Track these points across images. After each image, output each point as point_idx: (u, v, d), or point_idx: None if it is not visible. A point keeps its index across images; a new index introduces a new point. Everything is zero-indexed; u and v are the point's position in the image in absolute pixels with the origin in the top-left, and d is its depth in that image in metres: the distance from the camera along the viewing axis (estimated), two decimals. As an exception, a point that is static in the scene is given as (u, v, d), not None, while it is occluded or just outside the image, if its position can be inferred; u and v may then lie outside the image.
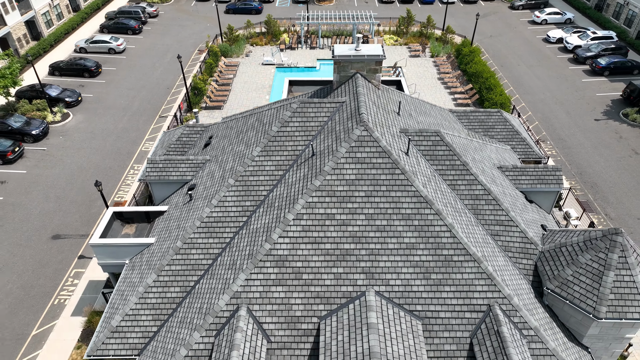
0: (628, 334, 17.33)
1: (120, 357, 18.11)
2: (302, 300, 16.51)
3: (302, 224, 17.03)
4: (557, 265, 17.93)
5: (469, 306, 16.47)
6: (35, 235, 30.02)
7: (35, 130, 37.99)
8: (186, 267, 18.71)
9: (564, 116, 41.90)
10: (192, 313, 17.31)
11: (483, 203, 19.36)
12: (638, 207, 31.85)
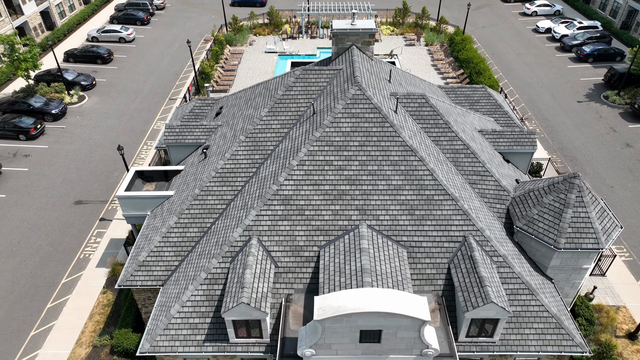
0: (585, 264, 20.09)
1: (146, 287, 20.88)
2: (304, 232, 19.30)
3: (305, 169, 19.81)
4: (525, 207, 20.72)
5: (447, 237, 19.26)
6: (60, 201, 32.80)
7: (54, 109, 40.79)
8: (203, 211, 21.48)
9: (548, 98, 44.67)
10: (209, 246, 20.09)
11: (462, 156, 22.15)
12: (611, 177, 34.62)
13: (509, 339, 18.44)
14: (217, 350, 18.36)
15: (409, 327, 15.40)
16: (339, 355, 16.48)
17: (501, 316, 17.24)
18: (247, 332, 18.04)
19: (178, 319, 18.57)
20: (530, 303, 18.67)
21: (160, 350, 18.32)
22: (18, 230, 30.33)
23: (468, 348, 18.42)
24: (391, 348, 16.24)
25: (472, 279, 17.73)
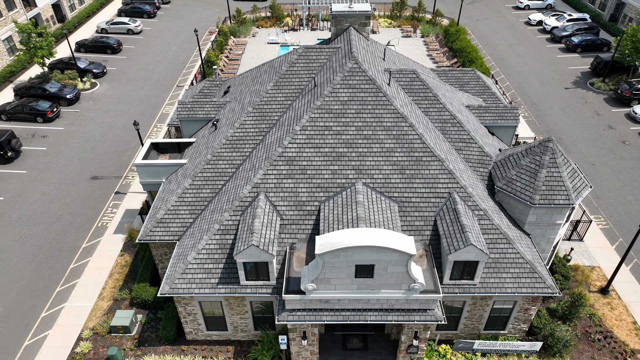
0: (558, 220, 22.38)
1: (163, 241, 23.18)
2: (306, 189, 21.62)
3: (307, 133, 22.12)
4: (504, 169, 23.04)
5: (433, 194, 21.58)
6: (77, 176, 35.10)
7: (69, 94, 43.11)
8: (215, 174, 23.78)
9: (538, 85, 46.99)
10: (221, 203, 22.39)
11: (449, 126, 24.46)
12: (593, 156, 36.91)
13: (488, 282, 20.75)
14: (229, 292, 20.67)
15: (397, 261, 17.72)
16: (337, 290, 18.80)
17: (480, 259, 19.55)
18: (255, 275, 20.35)
19: (194, 264, 20.88)
20: (507, 251, 20.98)
21: (179, 291, 20.63)
22: (40, 202, 32.63)
23: (452, 290, 20.73)
24: (383, 283, 18.56)
25: (455, 227, 20.05)
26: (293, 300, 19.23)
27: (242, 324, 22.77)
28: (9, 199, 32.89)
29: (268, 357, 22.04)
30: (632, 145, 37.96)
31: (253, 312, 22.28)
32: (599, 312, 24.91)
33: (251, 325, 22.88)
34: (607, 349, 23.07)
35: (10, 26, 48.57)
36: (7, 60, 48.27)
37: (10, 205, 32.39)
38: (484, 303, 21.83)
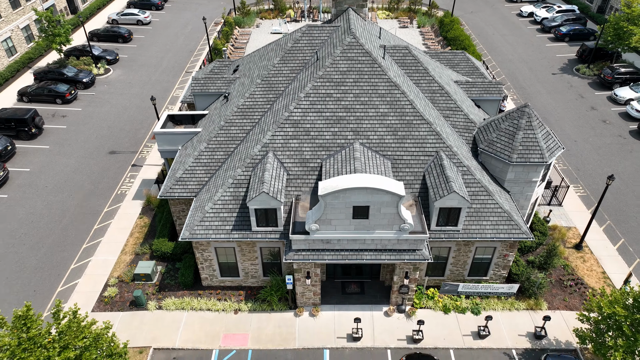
0: (534, 177, 25.10)
1: (182, 197, 25.94)
2: (310, 148, 24.38)
3: (310, 100, 24.88)
4: (486, 133, 25.81)
5: (422, 152, 24.34)
6: (96, 151, 37.86)
7: (85, 78, 45.89)
8: (227, 138, 26.54)
9: (527, 71, 49.76)
10: (234, 162, 25.15)
11: (438, 96, 27.23)
12: (576, 134, 39.67)
13: (470, 229, 23.53)
14: (241, 237, 23.44)
15: (389, 202, 20.50)
16: (337, 230, 21.59)
17: (462, 205, 22.32)
18: (265, 221, 23.11)
19: (211, 213, 23.65)
20: (487, 202, 23.75)
21: (197, 237, 23.41)
22: (63, 173, 35.40)
23: (438, 235, 23.51)
24: (377, 224, 21.33)
25: (441, 179, 22.82)
26: (299, 241, 22.01)
27: (253, 270, 25.55)
28: (35, 170, 35.65)
29: (276, 298, 24.81)
30: (612, 124, 40.72)
31: (262, 258, 25.06)
32: (572, 263, 27.68)
33: (260, 272, 25.66)
34: (577, 293, 25.84)
35: (28, 15, 51.31)
36: (25, 47, 51.01)
37: (36, 175, 35.15)
38: (467, 249, 24.60)
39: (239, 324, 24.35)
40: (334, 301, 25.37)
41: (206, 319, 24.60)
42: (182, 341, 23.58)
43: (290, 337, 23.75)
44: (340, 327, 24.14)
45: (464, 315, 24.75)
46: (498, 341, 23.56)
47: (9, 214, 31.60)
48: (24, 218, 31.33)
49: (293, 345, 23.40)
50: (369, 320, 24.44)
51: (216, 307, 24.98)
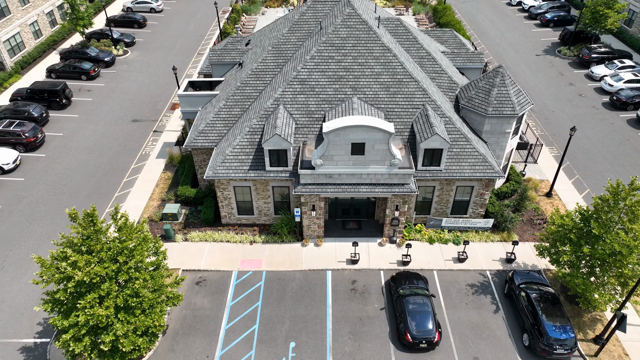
0: (507, 129, 29.19)
1: (204, 147, 30.06)
2: (314, 102, 28.51)
3: (315, 61, 28.99)
4: (467, 91, 29.94)
5: (411, 105, 28.47)
6: (120, 119, 42.01)
7: (106, 57, 50.06)
8: (243, 97, 30.66)
9: (513, 53, 53.90)
10: (249, 115, 29.28)
11: (426, 61, 31.35)
12: (554, 105, 43.79)
13: (451, 169, 27.68)
14: (256, 176, 27.59)
15: (381, 140, 24.64)
16: (338, 165, 25.73)
17: (443, 146, 26.44)
18: (277, 162, 27.24)
19: (230, 156, 27.79)
20: (466, 147, 27.89)
21: (219, 176, 27.55)
22: (92, 137, 39.54)
23: (423, 174, 27.64)
24: (371, 159, 25.48)
25: (426, 126, 26.95)
26: (306, 175, 26.17)
27: (265, 208, 29.70)
28: (67, 134, 39.80)
29: (286, 231, 28.96)
30: (587, 97, 44.88)
31: (274, 197, 29.20)
32: (542, 207, 31.81)
33: (272, 210, 29.81)
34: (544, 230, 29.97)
35: (51, 1, 55.41)
36: (49, 31, 55.14)
37: (68, 139, 39.30)
38: (449, 188, 28.75)
39: (254, 252, 28.51)
40: (335, 235, 29.52)
41: (226, 248, 28.76)
42: (206, 264, 27.73)
43: (298, 261, 27.91)
44: (341, 254, 28.28)
45: (446, 245, 28.89)
46: (475, 264, 27.70)
47: (48, 169, 35.75)
48: (62, 173, 35.49)
49: (300, 267, 27.55)
50: (365, 250, 28.59)
51: (234, 239, 29.13)
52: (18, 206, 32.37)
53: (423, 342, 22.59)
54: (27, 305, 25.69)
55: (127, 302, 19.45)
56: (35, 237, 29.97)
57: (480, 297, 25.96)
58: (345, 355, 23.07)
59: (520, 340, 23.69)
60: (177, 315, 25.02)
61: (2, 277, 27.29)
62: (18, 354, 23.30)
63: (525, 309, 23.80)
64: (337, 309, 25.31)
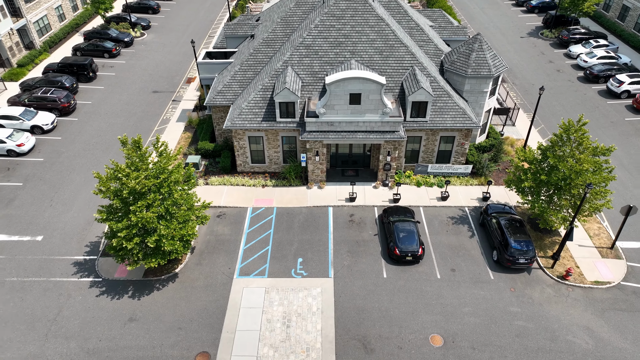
0: (484, 88, 33.75)
1: (222, 104, 34.62)
2: (318, 63, 33.09)
3: (318, 29, 33.56)
4: (450, 56, 34.52)
5: (401, 66, 33.06)
6: (141, 91, 46.61)
7: (126, 38, 54.70)
8: (255, 62, 35.23)
9: (499, 35, 58.51)
10: (262, 76, 33.85)
11: (415, 31, 35.95)
12: (534, 79, 48.39)
13: (435, 120, 32.27)
14: (268, 126, 32.18)
15: (375, 90, 29.24)
16: (338, 114, 30.33)
17: (428, 99, 31.02)
18: (286, 113, 31.81)
19: (246, 109, 32.39)
20: (448, 102, 32.49)
21: (236, 126, 32.14)
22: (118, 104, 44.15)
23: (411, 125, 32.23)
24: (366, 109, 30.07)
25: (413, 82, 31.54)
26: (310, 123, 30.77)
27: (275, 157, 34.30)
28: (95, 102, 44.41)
29: (293, 175, 33.56)
30: (564, 73, 49.50)
31: (283, 146, 33.79)
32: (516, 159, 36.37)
33: (281, 158, 34.41)
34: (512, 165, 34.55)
35: (73, -12, 60.04)
36: (71, 15, 59.75)
37: (97, 106, 43.90)
38: (434, 138, 33.35)
39: (265, 193, 33.11)
40: (336, 180, 34.12)
41: (241, 190, 33.36)
42: (225, 202, 32.34)
43: (304, 200, 32.51)
44: (341, 194, 32.88)
45: (431, 188, 33.49)
46: (455, 202, 32.31)
47: (82, 130, 40.37)
48: (93, 133, 40.09)
49: (306, 204, 32.15)
50: (361, 191, 33.18)
51: (248, 183, 33.74)
52: (58, 159, 36.98)
53: (409, 255, 27.19)
54: (74, 232, 30.29)
55: (168, 210, 24.07)
56: (75, 183, 34.55)
57: (459, 226, 30.57)
58: (344, 267, 27.68)
59: (491, 256, 28.30)
60: (202, 240, 29.63)
61: (52, 213, 31.89)
62: (71, 267, 27.90)
63: (495, 231, 28.41)
64: (337, 234, 29.92)
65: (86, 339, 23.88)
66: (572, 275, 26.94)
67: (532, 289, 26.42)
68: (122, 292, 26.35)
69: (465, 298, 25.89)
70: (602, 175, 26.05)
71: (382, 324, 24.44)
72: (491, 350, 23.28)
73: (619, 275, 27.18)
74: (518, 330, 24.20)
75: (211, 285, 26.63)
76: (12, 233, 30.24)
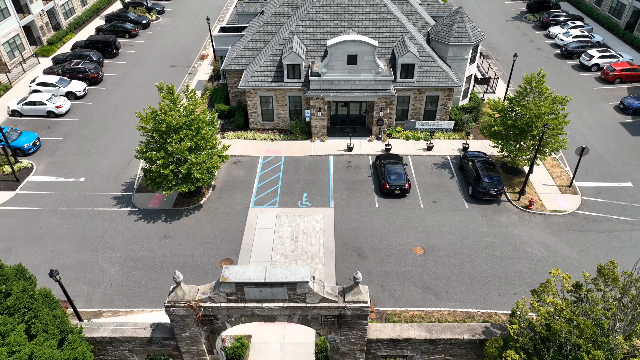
0: (465, 55, 38.79)
1: (236, 70, 39.67)
2: (320, 33, 38.14)
3: (320, 3, 38.57)
4: (435, 27, 39.57)
5: (392, 35, 38.10)
6: (160, 65, 51.69)
7: (143, 20, 59.79)
8: (265, 34, 40.26)
9: (486, 19, 63.57)
10: (271, 45, 38.86)
11: (405, 7, 41.03)
12: (515, 55, 53.48)
13: (421, 80, 37.34)
14: (277, 86, 37.26)
15: (369, 52, 34.29)
16: (337, 73, 35.39)
17: (415, 62, 36.06)
18: (293, 75, 36.86)
19: (258, 71, 37.45)
20: (432, 65, 37.55)
21: (249, 85, 37.21)
22: (140, 76, 49.21)
23: (400, 85, 37.29)
24: (361, 68, 35.14)
25: (403, 48, 36.59)
26: (314, 81, 35.83)
27: (283, 115, 39.36)
28: (119, 74, 49.49)
29: (298, 130, 38.62)
30: (542, 50, 54.57)
31: (290, 105, 38.85)
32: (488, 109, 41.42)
33: (288, 117, 39.48)
34: (494, 131, 39.62)
35: (93, -24, 65.10)
36: (92, 0, 64.85)
37: (121, 77, 48.99)
38: (420, 97, 38.41)
39: (274, 145, 38.18)
40: (336, 135, 39.17)
41: (253, 143, 38.44)
42: (240, 152, 37.39)
43: (307, 150, 37.58)
44: (340, 146, 37.94)
45: (418, 141, 38.57)
46: (439, 152, 37.37)
47: (109, 97, 45.46)
48: (120, 99, 45.18)
49: (310, 154, 37.22)
50: (358, 144, 38.24)
51: (259, 137, 38.82)
52: (91, 119, 42.07)
53: (397, 189, 32.25)
54: (111, 175, 35.32)
55: (197, 144, 29.17)
56: (108, 138, 39.61)
57: (441, 170, 35.65)
58: (342, 200, 32.75)
59: (466, 192, 33.36)
60: (222, 180, 34.70)
61: (90, 160, 36.96)
62: (111, 200, 32.96)
63: (470, 170, 33.47)
64: (337, 176, 34.99)
65: (129, 250, 28.97)
66: (534, 204, 32.03)
67: (500, 216, 31.51)
68: (156, 218, 31.44)
69: (444, 222, 30.97)
70: (558, 119, 31.11)
71: (373, 239, 29.52)
72: (462, 258, 28.35)
73: (574, 205, 32.26)
74: (486, 244, 29.28)
75: (231, 213, 31.72)
76: (58, 175, 35.32)
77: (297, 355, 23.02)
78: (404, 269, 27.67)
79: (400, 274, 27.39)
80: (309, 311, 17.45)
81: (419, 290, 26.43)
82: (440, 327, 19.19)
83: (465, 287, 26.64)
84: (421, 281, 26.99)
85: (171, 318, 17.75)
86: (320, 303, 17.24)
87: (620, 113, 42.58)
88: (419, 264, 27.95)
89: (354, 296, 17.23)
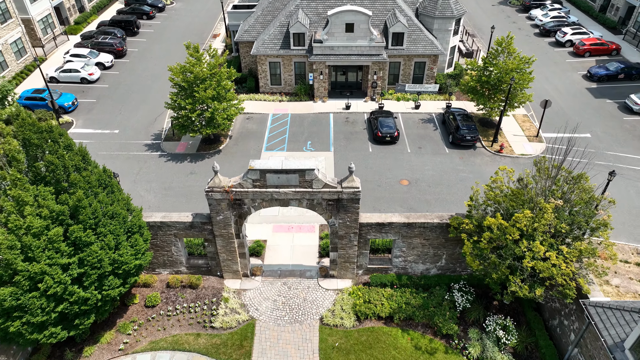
0: (449, 27, 44.34)
1: (248, 40, 45.18)
2: (322, 7, 43.64)
3: (322, -18, 44.24)
4: (423, 3, 45.12)
5: (385, 9, 43.64)
6: (177, 42, 57.10)
7: (159, 4, 65.40)
8: (274, 9, 45.74)
9: (473, 4, 69.08)
10: (279, 18, 44.40)
11: (396, -14, 46.63)
12: (497, 33, 58.98)
13: (410, 48, 42.90)
14: (284, 53, 42.82)
15: (364, 21, 39.84)
16: (336, 39, 40.94)
17: (404, 31, 41.60)
18: (298, 42, 42.39)
19: (267, 40, 43.01)
20: (420, 35, 43.10)
21: (260, 52, 42.76)
22: (159, 51, 54.75)
23: (392, 52, 42.83)
24: (357, 36, 40.69)
25: (394, 19, 42.12)
26: (316, 47, 41.37)
27: (289, 79, 44.91)
28: (141, 50, 55.06)
29: (303, 92, 44.17)
30: (523, 30, 60.13)
31: (295, 70, 44.40)
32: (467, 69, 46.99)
33: (293, 81, 45.03)
34: (474, 94, 45.17)
35: (112, -36, 70.62)
36: (111, -13, 70.44)
37: (142, 53, 54.56)
38: (409, 63, 43.96)
39: (282, 105, 43.74)
40: (335, 97, 44.72)
41: (263, 103, 43.99)
42: (252, 110, 42.95)
43: (311, 109, 43.12)
44: (339, 105, 43.49)
45: (408, 102, 44.11)
46: (425, 110, 42.91)
47: (134, 67, 51.05)
48: (144, 69, 50.75)
49: (313, 112, 42.77)
50: (354, 104, 43.79)
51: (269, 98, 44.36)
52: (119, 86, 47.64)
53: (388, 137, 37.79)
54: (141, 128, 40.86)
55: (219, 93, 34.75)
56: (136, 100, 45.16)
57: (426, 124, 41.21)
58: (341, 146, 38.30)
59: (447, 139, 38.92)
60: (237, 132, 40.25)
61: (122, 117, 42.52)
62: (143, 147, 38.51)
63: (451, 121, 39.01)
64: (336, 129, 40.55)
65: (162, 182, 34.54)
66: (504, 149, 37.58)
67: (475, 158, 37.07)
68: (183, 159, 36.99)
69: (427, 162, 36.53)
70: (524, 76, 36.63)
71: (367, 174, 35.06)
72: (441, 187, 33.90)
73: (539, 150, 37.82)
74: (461, 178, 34.83)
75: (246, 155, 37.27)
76: (95, 128, 40.91)
77: (304, 253, 28.54)
78: (392, 195, 33.23)
79: (389, 199, 32.95)
80: (315, 195, 22.98)
81: (404, 210, 31.95)
82: (415, 215, 24.75)
83: (442, 208, 32.17)
84: (406, 204, 32.55)
85: (209, 202, 23.25)
86: (323, 188, 22.76)
87: (587, 80, 48.15)
88: (405, 192, 33.52)
89: (349, 183, 22.76)
